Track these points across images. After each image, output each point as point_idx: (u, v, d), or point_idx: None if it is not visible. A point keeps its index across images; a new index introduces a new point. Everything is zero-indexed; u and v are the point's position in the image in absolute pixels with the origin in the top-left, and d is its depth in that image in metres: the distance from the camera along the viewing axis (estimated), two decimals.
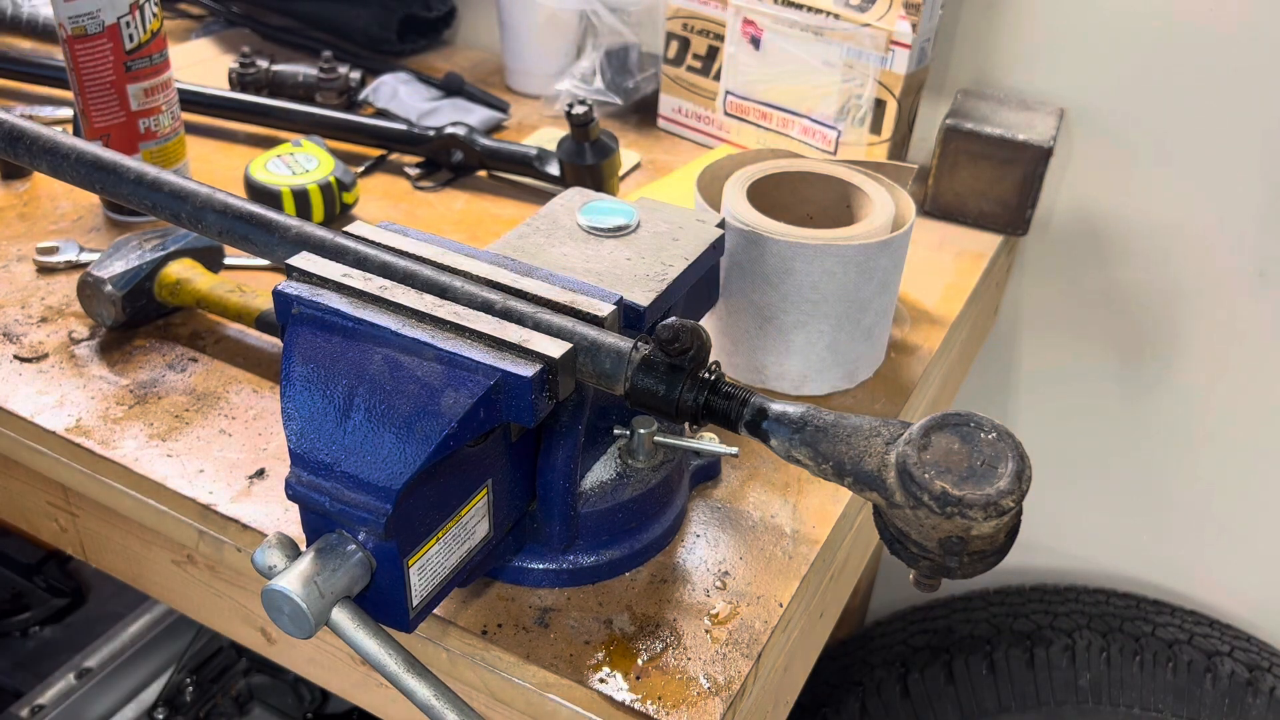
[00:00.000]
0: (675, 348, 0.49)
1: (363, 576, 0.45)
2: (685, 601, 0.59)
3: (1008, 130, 0.98)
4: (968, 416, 0.43)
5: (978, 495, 0.40)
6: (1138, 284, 1.12)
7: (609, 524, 0.59)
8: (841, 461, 0.45)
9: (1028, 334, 1.21)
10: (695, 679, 0.54)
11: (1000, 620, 1.20)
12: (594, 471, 0.61)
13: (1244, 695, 1.09)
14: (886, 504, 0.44)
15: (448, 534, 0.49)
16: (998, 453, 0.42)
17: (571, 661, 0.54)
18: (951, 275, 0.94)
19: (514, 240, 0.62)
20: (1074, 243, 1.13)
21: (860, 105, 1.01)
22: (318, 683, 0.68)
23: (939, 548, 0.43)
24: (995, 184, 1.00)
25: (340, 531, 0.45)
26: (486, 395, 0.46)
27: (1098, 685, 1.11)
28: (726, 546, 0.63)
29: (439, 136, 1.00)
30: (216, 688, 0.81)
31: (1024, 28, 1.06)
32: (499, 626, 0.56)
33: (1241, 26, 0.97)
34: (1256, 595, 1.22)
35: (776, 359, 0.75)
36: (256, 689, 0.99)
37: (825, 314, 0.73)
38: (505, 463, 0.53)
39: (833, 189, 0.80)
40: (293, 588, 0.42)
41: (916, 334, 0.85)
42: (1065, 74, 1.06)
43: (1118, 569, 1.28)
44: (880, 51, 0.97)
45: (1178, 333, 1.13)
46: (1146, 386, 1.17)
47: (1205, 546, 1.23)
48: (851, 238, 0.71)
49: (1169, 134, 1.04)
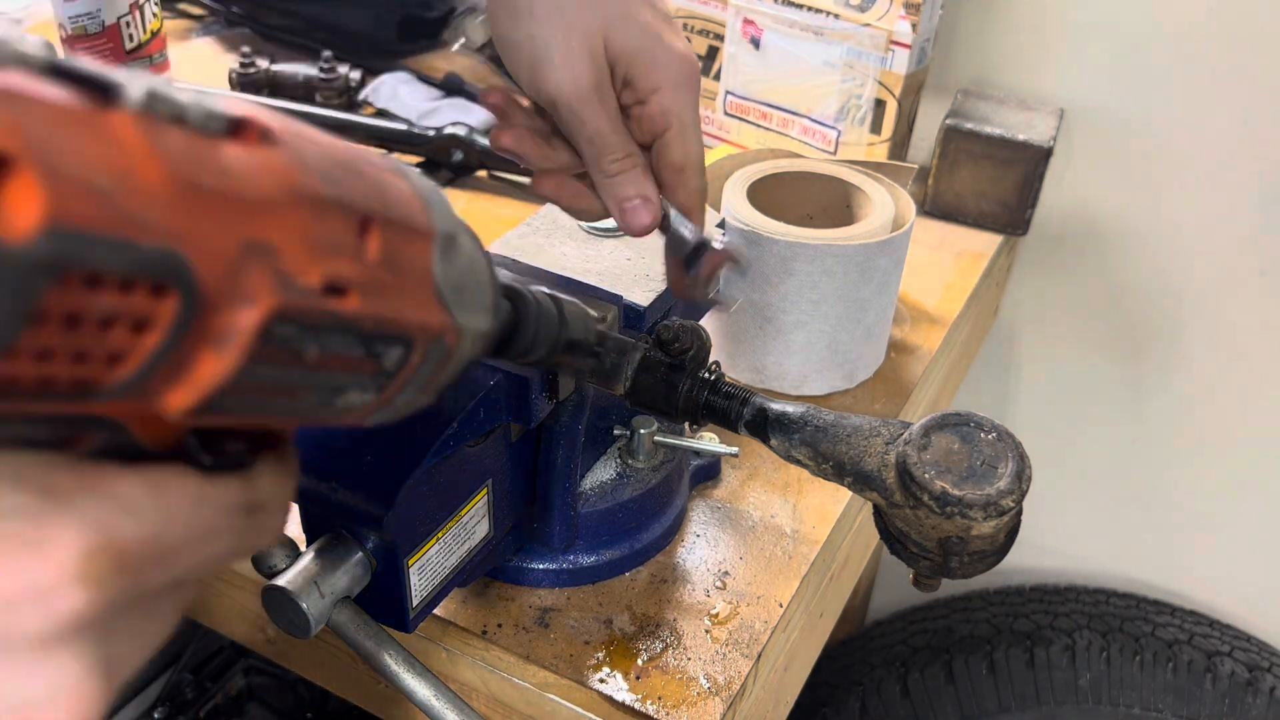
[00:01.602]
0: (675, 348, 0.49)
1: (363, 576, 0.45)
2: (685, 601, 0.59)
3: (1008, 130, 0.98)
4: (968, 416, 0.43)
5: (977, 495, 0.40)
6: (1138, 284, 1.12)
7: (609, 524, 0.59)
8: (841, 461, 0.45)
9: (1028, 334, 1.21)
10: (695, 679, 0.54)
11: (1000, 620, 1.20)
12: (594, 471, 0.61)
13: (1244, 695, 1.09)
14: (886, 504, 0.44)
15: (448, 534, 0.49)
16: (998, 453, 0.42)
17: (571, 661, 0.54)
18: (951, 275, 0.94)
19: (514, 240, 0.62)
20: (1074, 243, 1.13)
21: (860, 105, 1.01)
22: (318, 683, 0.68)
23: (939, 548, 0.43)
24: (995, 184, 1.00)
25: (340, 532, 0.45)
26: (487, 395, 0.46)
27: (1098, 685, 1.11)
28: (727, 546, 0.63)
29: (439, 136, 1.00)
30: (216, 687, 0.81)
31: (1024, 28, 1.06)
32: (499, 626, 0.56)
33: (1241, 26, 0.97)
34: (1256, 595, 1.22)
35: (777, 359, 0.75)
36: (256, 689, 0.99)
37: (825, 314, 0.73)
38: (505, 463, 0.53)
39: (833, 189, 0.80)
40: (293, 587, 0.42)
41: (916, 334, 0.85)
42: (1065, 74, 1.06)
43: (1118, 569, 1.28)
44: (880, 51, 0.97)
45: (1178, 332, 1.13)
46: (1147, 386, 1.17)
47: (1205, 546, 1.23)
48: (851, 238, 0.71)
49: (1169, 134, 1.04)
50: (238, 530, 0.26)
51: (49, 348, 0.19)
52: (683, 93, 0.53)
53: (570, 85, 0.50)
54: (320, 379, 0.25)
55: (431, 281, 0.28)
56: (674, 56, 0.52)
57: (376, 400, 0.28)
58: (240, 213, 0.22)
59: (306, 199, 0.23)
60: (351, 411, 0.28)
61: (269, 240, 0.22)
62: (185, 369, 0.22)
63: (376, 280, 0.26)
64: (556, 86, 0.50)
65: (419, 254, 0.28)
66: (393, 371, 0.28)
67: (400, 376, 0.28)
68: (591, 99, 0.50)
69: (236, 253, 0.21)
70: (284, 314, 0.23)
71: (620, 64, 0.51)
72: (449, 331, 0.29)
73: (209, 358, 0.22)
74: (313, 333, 0.24)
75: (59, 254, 0.18)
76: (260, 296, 0.22)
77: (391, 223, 0.27)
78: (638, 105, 0.52)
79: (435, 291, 0.29)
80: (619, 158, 0.52)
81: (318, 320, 0.24)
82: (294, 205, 0.23)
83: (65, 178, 0.18)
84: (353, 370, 0.26)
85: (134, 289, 0.20)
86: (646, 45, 0.51)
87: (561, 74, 0.50)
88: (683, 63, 0.53)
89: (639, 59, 0.51)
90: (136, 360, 0.21)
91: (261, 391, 0.24)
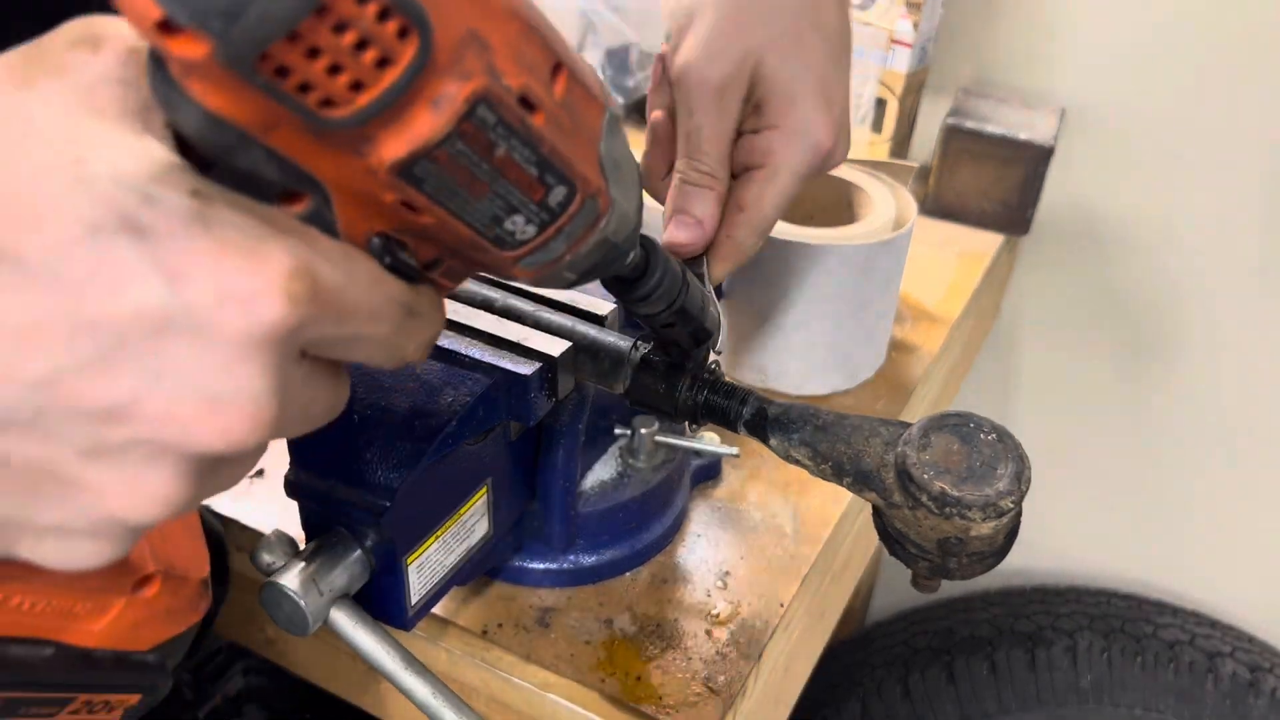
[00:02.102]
0: (676, 347, 0.48)
1: (361, 575, 0.45)
2: (686, 601, 0.59)
3: (1009, 129, 0.98)
4: (967, 417, 0.43)
5: (976, 496, 0.40)
6: (1139, 283, 1.12)
7: (609, 523, 0.59)
8: (840, 461, 0.45)
9: (1029, 334, 1.21)
10: (695, 679, 0.54)
11: (1001, 621, 1.20)
12: (594, 471, 0.61)
13: (1245, 696, 1.09)
14: (885, 504, 0.44)
15: (447, 533, 0.49)
16: (997, 453, 0.42)
17: (572, 661, 0.54)
18: (952, 275, 0.94)
19: None
20: (1075, 242, 1.13)
21: (861, 104, 1.01)
22: (317, 682, 0.68)
23: (938, 548, 0.43)
24: (996, 183, 1.00)
25: (339, 529, 0.45)
26: (486, 393, 0.46)
27: (1099, 686, 1.11)
28: (727, 546, 0.63)
29: None
30: (215, 687, 0.81)
31: (1025, 27, 1.06)
32: (499, 626, 0.56)
33: (1242, 26, 0.97)
34: (1258, 596, 1.21)
35: (777, 359, 0.75)
36: (255, 689, 0.99)
37: (826, 314, 0.73)
38: (505, 461, 0.53)
39: (834, 188, 0.80)
40: (291, 585, 0.42)
41: (917, 333, 0.85)
42: (1066, 73, 1.06)
43: (1119, 570, 1.28)
44: (881, 50, 0.97)
45: (1179, 332, 1.12)
46: (1148, 386, 1.17)
47: (1206, 547, 1.22)
48: (852, 237, 0.71)
49: (1169, 134, 1.04)
50: (396, 324, 0.30)
51: (318, 46, 0.23)
52: (795, 147, 0.51)
53: (698, 71, 0.48)
54: (500, 185, 0.29)
55: (598, 145, 0.32)
56: (812, 112, 0.50)
57: (535, 237, 0.31)
58: (474, 4, 0.26)
59: (522, 18, 0.27)
60: (512, 241, 0.31)
61: (487, 37, 0.26)
62: (404, 120, 0.25)
63: (558, 116, 0.29)
64: (686, 63, 0.49)
65: (593, 116, 0.32)
66: (555, 210, 0.31)
67: (559, 219, 0.31)
68: (711, 95, 0.49)
69: (463, 34, 0.25)
70: (489, 97, 0.26)
71: (761, 88, 0.50)
72: (603, 195, 0.33)
73: (425, 113, 0.26)
74: (505, 129, 0.27)
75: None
76: (474, 75, 0.26)
77: (576, 77, 0.30)
78: (752, 134, 0.51)
79: (598, 156, 0.32)
80: (704, 170, 0.50)
81: (511, 119, 0.27)
82: (512, 18, 0.27)
83: None
84: (525, 190, 0.30)
85: (387, 21, 0.23)
86: (792, 84, 0.50)
87: (698, 55, 0.48)
88: (816, 126, 0.51)
89: (779, 93, 0.50)
90: (373, 92, 0.24)
91: (454, 172, 0.27)
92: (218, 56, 0.22)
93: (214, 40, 0.22)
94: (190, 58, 0.23)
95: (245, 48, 0.22)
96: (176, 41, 0.22)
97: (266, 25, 0.22)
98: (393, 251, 0.29)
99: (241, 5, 0.22)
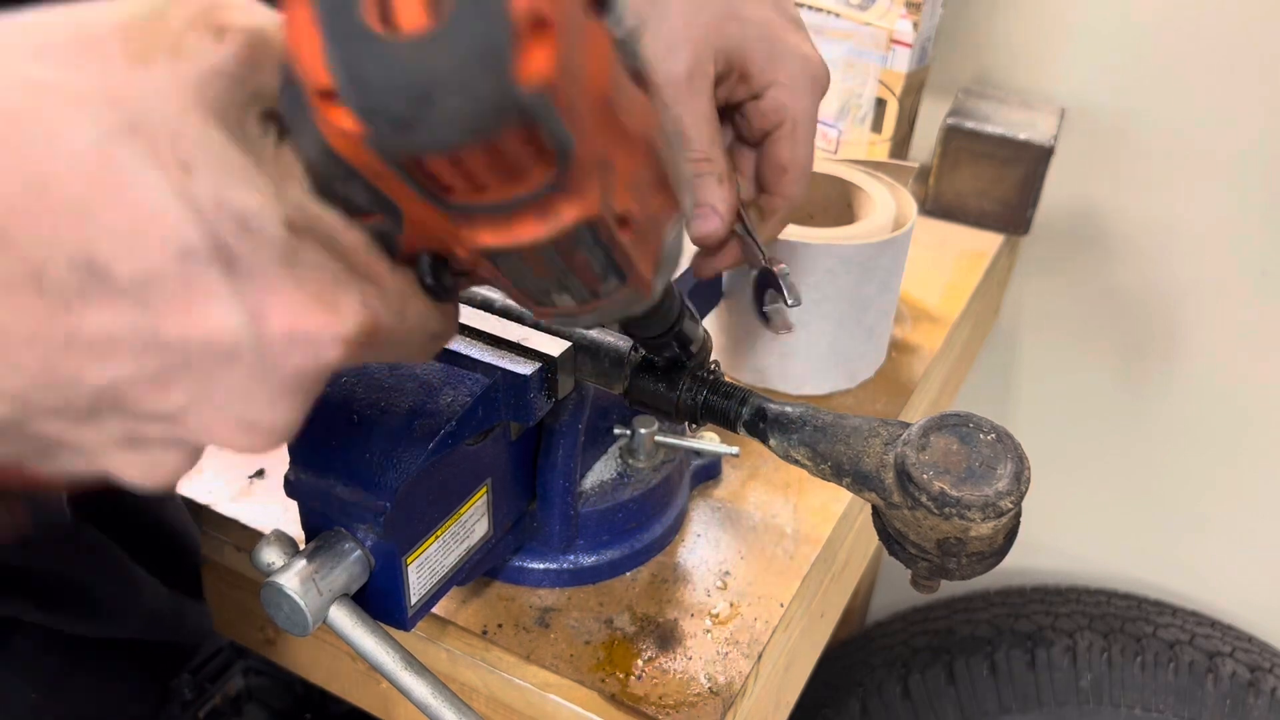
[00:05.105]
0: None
1: (361, 574, 0.45)
2: (686, 601, 0.59)
3: (1009, 129, 0.98)
4: (966, 417, 0.43)
5: (976, 496, 0.40)
6: (1139, 283, 1.12)
7: (609, 523, 0.59)
8: (840, 461, 0.45)
9: (1029, 334, 1.21)
10: (695, 679, 0.54)
11: (1001, 621, 1.20)
12: (594, 471, 0.61)
13: (1245, 696, 1.09)
14: (885, 504, 0.44)
15: (446, 533, 0.49)
16: (996, 453, 0.42)
17: (572, 661, 0.54)
18: (952, 275, 0.94)
19: None
20: (1075, 242, 1.13)
21: (861, 104, 1.01)
22: (317, 682, 0.68)
23: (937, 549, 0.43)
24: (996, 183, 1.00)
25: (339, 529, 0.45)
26: (485, 393, 0.46)
27: (1099, 686, 1.11)
28: (727, 546, 0.63)
29: None
30: (215, 688, 0.81)
31: (1025, 27, 1.06)
32: (499, 626, 0.56)
33: (1242, 26, 0.97)
34: (1258, 596, 1.21)
35: (778, 359, 0.75)
36: (255, 689, 0.99)
37: (826, 314, 0.73)
38: (505, 461, 0.53)
39: (834, 188, 0.80)
40: (291, 585, 0.42)
41: (917, 333, 0.85)
42: (1066, 73, 1.06)
43: (1119, 569, 1.28)
44: (881, 50, 0.97)
45: (1179, 332, 1.12)
46: (1148, 386, 1.17)
47: (1206, 547, 1.22)
48: (852, 237, 0.71)
49: (1170, 134, 1.04)
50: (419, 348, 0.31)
51: (465, 163, 0.23)
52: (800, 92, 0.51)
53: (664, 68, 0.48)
54: (568, 277, 0.30)
55: (662, 247, 0.33)
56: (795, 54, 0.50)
57: (575, 308, 0.33)
58: (615, 134, 0.26)
59: (651, 149, 0.28)
60: (554, 308, 0.33)
61: (614, 161, 0.26)
62: (511, 223, 0.26)
63: (643, 230, 0.30)
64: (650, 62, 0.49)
65: (668, 219, 0.33)
66: (602, 295, 0.32)
67: (600, 300, 0.32)
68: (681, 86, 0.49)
69: (596, 161, 0.25)
70: (592, 222, 0.27)
71: (734, 58, 0.50)
72: (647, 287, 0.33)
73: (531, 221, 0.26)
74: (593, 244, 0.28)
75: (535, 109, 0.22)
76: (591, 202, 0.26)
77: (670, 189, 0.31)
78: (752, 100, 0.51)
79: (659, 257, 0.33)
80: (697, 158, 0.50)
81: (603, 237, 0.28)
82: (641, 149, 0.28)
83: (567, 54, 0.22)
84: (587, 281, 0.30)
85: (534, 145, 0.23)
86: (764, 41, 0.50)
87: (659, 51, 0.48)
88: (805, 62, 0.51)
89: (755, 53, 0.50)
90: (495, 197, 0.25)
91: (529, 264, 0.28)
92: (368, 142, 0.23)
93: (373, 133, 0.22)
94: (342, 129, 0.23)
95: (399, 150, 0.23)
96: (334, 111, 0.22)
97: (430, 144, 0.22)
98: (438, 274, 0.30)
99: (417, 119, 0.21)
